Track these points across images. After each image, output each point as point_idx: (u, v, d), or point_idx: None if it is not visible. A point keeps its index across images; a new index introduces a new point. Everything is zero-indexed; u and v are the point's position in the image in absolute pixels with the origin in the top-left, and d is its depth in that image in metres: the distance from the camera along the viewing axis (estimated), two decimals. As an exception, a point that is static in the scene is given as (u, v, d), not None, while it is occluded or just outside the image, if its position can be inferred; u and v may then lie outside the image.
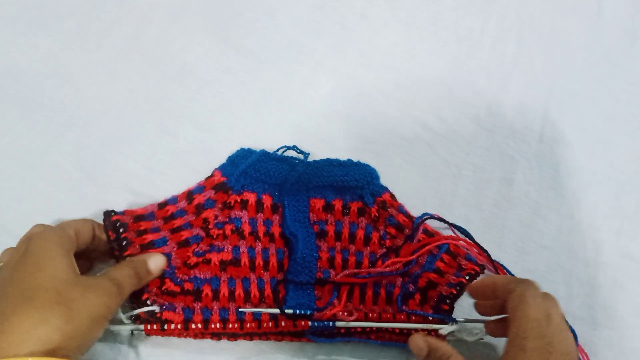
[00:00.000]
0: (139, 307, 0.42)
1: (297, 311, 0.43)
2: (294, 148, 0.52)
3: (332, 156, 0.53)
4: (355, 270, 0.46)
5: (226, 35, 0.60)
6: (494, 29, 0.64)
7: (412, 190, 0.53)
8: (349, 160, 0.51)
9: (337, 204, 0.49)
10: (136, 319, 0.42)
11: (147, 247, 0.44)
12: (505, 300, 0.39)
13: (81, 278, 0.37)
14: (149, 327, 0.42)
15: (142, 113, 0.55)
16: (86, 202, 0.49)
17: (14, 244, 0.46)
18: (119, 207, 0.48)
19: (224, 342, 0.45)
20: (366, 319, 0.44)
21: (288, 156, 0.51)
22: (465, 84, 0.60)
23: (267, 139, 0.54)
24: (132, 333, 0.43)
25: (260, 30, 0.61)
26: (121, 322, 0.42)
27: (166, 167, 0.52)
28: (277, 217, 0.48)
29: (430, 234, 0.48)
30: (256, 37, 0.61)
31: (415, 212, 0.50)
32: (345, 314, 0.44)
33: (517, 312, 0.37)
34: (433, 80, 0.60)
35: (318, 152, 0.54)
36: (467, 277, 0.45)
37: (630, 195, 0.55)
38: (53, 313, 0.34)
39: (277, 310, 0.43)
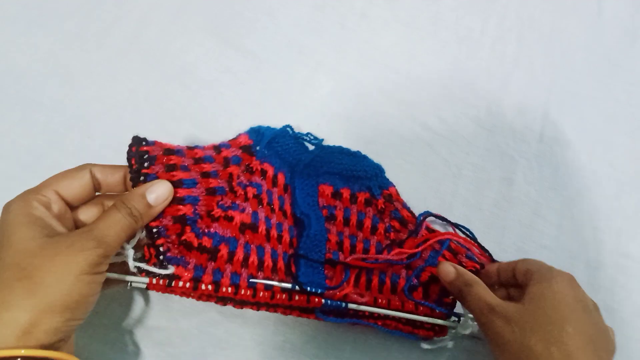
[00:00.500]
0: (149, 251, 0.38)
1: (309, 288, 0.42)
2: (308, 135, 0.53)
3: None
4: (365, 255, 0.46)
5: (226, 35, 0.60)
6: (494, 29, 0.64)
7: (412, 190, 0.53)
8: (358, 151, 0.52)
9: (345, 193, 0.50)
10: (142, 271, 0.38)
11: (176, 186, 0.40)
12: (511, 279, 0.43)
13: (52, 241, 0.33)
14: (154, 281, 0.38)
15: (143, 113, 0.55)
16: (86, 202, 0.49)
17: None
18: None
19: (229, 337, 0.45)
20: (375, 305, 0.44)
21: (304, 137, 0.53)
22: (465, 84, 0.60)
23: (267, 139, 0.54)
24: (131, 285, 0.39)
25: (260, 30, 0.61)
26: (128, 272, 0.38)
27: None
28: (289, 197, 0.49)
29: (432, 231, 0.49)
30: (256, 37, 0.61)
31: (416, 212, 0.50)
32: (356, 296, 0.43)
33: (533, 269, 0.40)
34: (433, 80, 0.60)
35: (318, 152, 0.54)
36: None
37: (630, 195, 0.55)
38: (12, 291, 0.31)
39: (289, 285, 0.41)
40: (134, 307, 0.46)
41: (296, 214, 0.47)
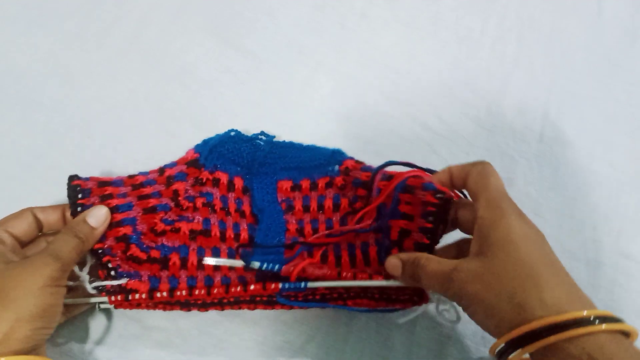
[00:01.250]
0: (104, 272, 0.41)
1: (265, 266, 0.41)
2: (262, 134, 0.52)
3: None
4: (326, 231, 0.45)
5: (226, 35, 0.60)
6: (494, 29, 0.64)
7: (412, 191, 0.53)
8: (313, 145, 0.51)
9: (305, 183, 0.49)
10: (102, 291, 0.41)
11: (112, 212, 0.43)
12: (464, 183, 0.40)
13: (14, 264, 0.38)
14: (112, 298, 0.41)
15: (142, 113, 0.55)
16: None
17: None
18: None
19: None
20: (340, 278, 0.42)
21: (255, 136, 0.51)
22: (465, 84, 0.60)
23: (267, 139, 0.54)
24: (99, 307, 0.43)
25: (260, 30, 0.61)
26: (89, 295, 0.42)
27: (166, 167, 0.52)
28: (248, 199, 0.48)
29: (389, 176, 0.45)
30: (256, 37, 0.61)
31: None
32: (316, 270, 0.42)
33: (483, 184, 0.38)
34: (433, 80, 0.60)
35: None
36: (430, 219, 0.41)
37: (630, 196, 0.55)
38: None
39: (241, 263, 0.42)
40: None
41: (254, 212, 0.47)
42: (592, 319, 0.32)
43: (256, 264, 0.42)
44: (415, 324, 0.47)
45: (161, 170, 0.48)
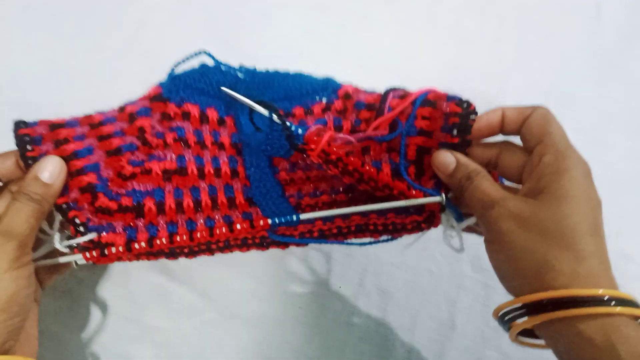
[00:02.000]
0: (72, 224, 0.37)
1: (293, 127, 0.36)
2: (240, 69, 0.45)
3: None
4: (337, 134, 0.39)
5: (226, 37, 0.60)
6: (492, 30, 0.64)
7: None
8: (299, 72, 0.45)
9: (298, 110, 0.43)
10: (75, 248, 0.37)
11: (70, 159, 0.37)
12: (520, 129, 0.36)
13: None
14: (88, 255, 0.37)
15: (142, 113, 0.55)
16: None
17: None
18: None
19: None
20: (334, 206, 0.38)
21: (229, 68, 0.44)
22: (465, 84, 0.59)
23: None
24: (76, 264, 0.39)
25: (259, 32, 0.61)
26: (61, 254, 0.38)
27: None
28: (226, 130, 0.43)
29: (402, 95, 0.41)
30: (256, 39, 0.61)
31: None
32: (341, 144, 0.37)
33: (548, 128, 0.35)
34: (432, 81, 0.60)
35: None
36: (455, 132, 0.37)
37: (629, 196, 0.55)
38: None
39: (265, 111, 0.38)
40: (134, 308, 0.46)
41: (239, 141, 0.42)
42: (606, 299, 0.30)
43: (276, 119, 0.38)
44: (415, 323, 0.47)
45: (121, 108, 0.42)
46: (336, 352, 0.46)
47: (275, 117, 0.38)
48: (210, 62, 0.44)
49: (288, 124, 0.38)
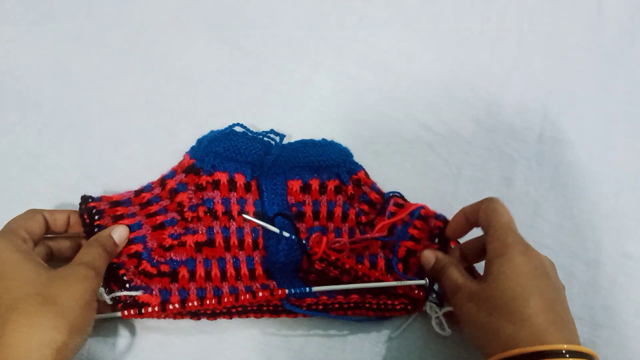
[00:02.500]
0: (117, 286, 0.42)
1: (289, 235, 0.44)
2: (271, 132, 0.51)
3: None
4: (340, 239, 0.47)
5: (226, 36, 0.60)
6: (493, 29, 0.64)
7: (412, 190, 0.53)
8: (323, 139, 0.51)
9: (314, 184, 0.50)
10: (118, 302, 0.42)
11: (127, 243, 0.44)
12: (478, 220, 0.43)
13: (55, 272, 0.37)
14: (126, 312, 0.42)
15: (142, 114, 0.55)
16: (86, 203, 0.50)
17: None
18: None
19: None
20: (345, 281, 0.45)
21: (260, 134, 0.51)
22: (465, 84, 0.60)
23: (267, 139, 0.54)
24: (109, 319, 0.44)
25: (260, 30, 0.61)
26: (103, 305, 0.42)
27: (166, 167, 0.52)
28: (251, 196, 0.49)
29: (401, 204, 0.48)
30: (256, 38, 0.61)
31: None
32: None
33: (491, 220, 0.40)
34: (433, 80, 0.60)
35: (318, 152, 0.54)
36: (436, 240, 0.46)
37: (630, 195, 0.55)
38: (44, 315, 0.34)
39: (275, 229, 0.47)
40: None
41: (263, 213, 0.49)
42: (564, 352, 0.34)
43: (286, 234, 0.46)
44: (415, 323, 0.47)
45: (162, 182, 0.48)
46: (336, 352, 0.46)
47: (286, 234, 0.47)
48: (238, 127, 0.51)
49: (289, 236, 0.46)
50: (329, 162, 0.50)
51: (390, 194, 0.49)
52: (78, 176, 0.51)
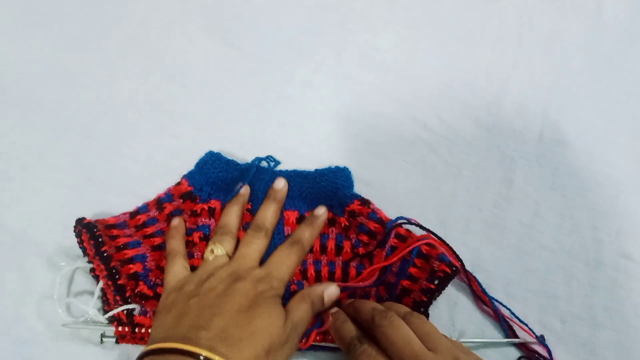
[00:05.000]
0: (110, 308, 0.43)
1: None
2: (267, 159, 0.52)
3: (333, 156, 0.53)
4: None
5: (226, 36, 0.61)
6: (493, 29, 0.64)
7: (412, 191, 0.53)
8: (316, 170, 0.51)
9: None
10: (112, 321, 0.43)
11: (121, 250, 0.44)
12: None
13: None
14: (119, 328, 0.42)
15: (142, 114, 0.55)
16: (86, 203, 0.50)
17: (15, 243, 0.47)
18: (118, 209, 0.48)
19: None
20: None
21: (252, 164, 0.51)
22: (465, 84, 0.60)
23: (267, 140, 0.54)
24: (102, 340, 0.44)
25: (260, 31, 0.61)
26: (93, 323, 0.44)
27: (166, 168, 0.52)
28: (243, 222, 0.49)
29: (403, 237, 0.47)
30: (256, 38, 0.61)
31: (415, 213, 0.50)
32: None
33: (385, 342, 0.38)
34: (433, 81, 0.60)
35: (319, 153, 0.54)
36: (436, 282, 0.44)
37: (630, 195, 0.55)
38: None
39: None
40: (134, 307, 0.46)
41: None
42: None
43: None
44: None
45: (159, 206, 0.48)
46: (336, 352, 0.46)
47: None
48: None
49: None
50: (321, 193, 0.49)
51: (394, 222, 0.47)
52: (78, 176, 0.51)
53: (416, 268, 0.46)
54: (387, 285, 0.46)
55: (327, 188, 0.49)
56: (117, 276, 0.43)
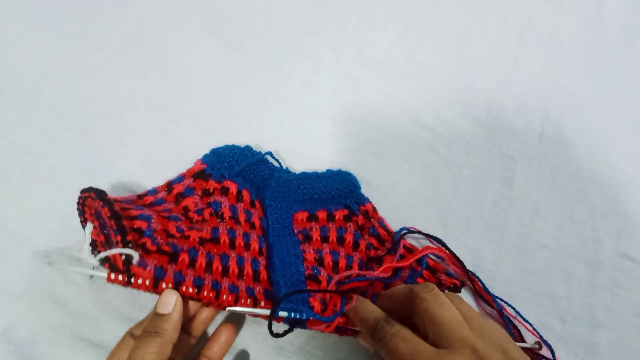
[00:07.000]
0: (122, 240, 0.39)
1: (293, 315, 0.40)
2: (269, 154, 0.51)
3: (333, 156, 0.53)
4: (349, 272, 0.45)
5: (226, 35, 0.60)
6: (493, 29, 0.64)
7: (412, 190, 0.53)
8: (328, 170, 0.51)
9: (322, 214, 0.49)
10: (105, 262, 0.39)
11: (126, 210, 0.41)
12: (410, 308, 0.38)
13: None
14: (112, 276, 0.39)
15: (142, 114, 0.55)
16: (86, 203, 0.49)
17: (14, 243, 0.47)
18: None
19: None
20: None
21: (265, 155, 0.51)
22: (465, 84, 0.60)
23: (267, 139, 0.54)
24: (91, 277, 0.42)
25: (259, 30, 0.61)
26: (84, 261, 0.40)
27: (166, 167, 0.52)
28: (256, 211, 0.48)
29: (410, 249, 0.48)
30: (255, 38, 0.61)
31: (415, 213, 0.50)
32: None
33: (429, 320, 0.36)
34: (433, 80, 0.60)
35: (318, 153, 0.54)
36: (445, 291, 0.43)
37: (630, 195, 0.55)
38: None
39: (267, 311, 0.40)
40: (134, 308, 0.46)
41: (266, 235, 0.47)
42: None
43: (284, 314, 0.40)
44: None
45: (169, 187, 0.48)
46: (336, 352, 0.46)
47: (282, 313, 0.40)
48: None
49: (287, 315, 0.40)
50: (335, 192, 0.49)
51: (401, 232, 0.48)
52: (78, 176, 0.51)
53: (423, 279, 0.46)
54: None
55: (341, 187, 0.49)
56: (121, 220, 0.39)
